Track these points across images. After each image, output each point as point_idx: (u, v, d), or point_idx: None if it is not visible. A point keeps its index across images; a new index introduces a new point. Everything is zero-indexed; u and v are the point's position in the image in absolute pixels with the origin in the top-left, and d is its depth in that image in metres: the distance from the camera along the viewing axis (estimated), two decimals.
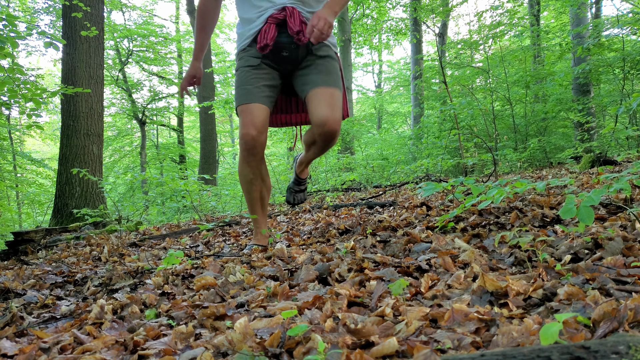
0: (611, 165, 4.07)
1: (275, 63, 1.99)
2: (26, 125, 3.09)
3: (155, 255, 2.46)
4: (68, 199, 5.80)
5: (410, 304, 0.99)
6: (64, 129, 6.00)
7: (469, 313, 0.85)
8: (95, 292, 1.66)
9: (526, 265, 1.23)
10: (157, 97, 15.78)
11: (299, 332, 0.82)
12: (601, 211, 1.76)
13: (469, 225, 1.84)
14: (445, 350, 0.75)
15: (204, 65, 13.08)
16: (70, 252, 3.20)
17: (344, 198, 5.15)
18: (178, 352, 0.87)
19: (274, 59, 1.97)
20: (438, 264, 1.29)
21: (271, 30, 1.89)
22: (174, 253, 1.87)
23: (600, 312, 0.76)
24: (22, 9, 12.05)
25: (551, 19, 12.12)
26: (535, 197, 2.10)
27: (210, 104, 9.72)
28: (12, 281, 1.99)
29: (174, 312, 1.16)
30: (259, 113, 1.93)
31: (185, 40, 16.17)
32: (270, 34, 1.89)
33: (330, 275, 1.35)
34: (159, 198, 6.31)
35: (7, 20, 2.65)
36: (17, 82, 2.92)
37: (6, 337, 1.10)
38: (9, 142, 11.45)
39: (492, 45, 9.28)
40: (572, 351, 0.50)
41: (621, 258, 1.10)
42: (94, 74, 6.19)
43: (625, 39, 6.58)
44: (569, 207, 1.20)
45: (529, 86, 7.89)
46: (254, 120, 1.91)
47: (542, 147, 7.29)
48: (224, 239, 2.82)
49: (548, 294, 0.95)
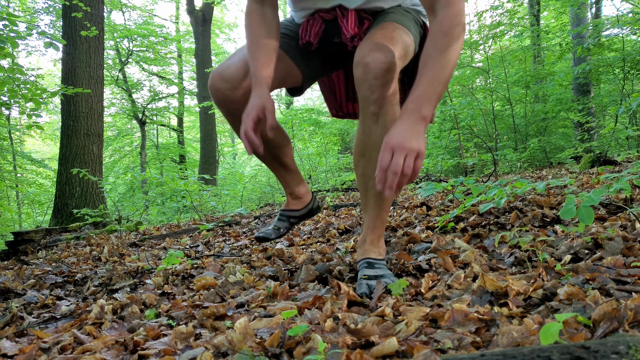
0: (611, 165, 4.07)
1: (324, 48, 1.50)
2: (26, 125, 3.09)
3: (155, 255, 2.46)
4: (68, 199, 5.80)
5: (410, 304, 0.99)
6: (64, 129, 6.00)
7: (469, 313, 0.85)
8: (95, 292, 1.66)
9: (526, 265, 1.23)
10: (157, 97, 15.77)
11: (299, 332, 0.82)
12: (601, 211, 1.76)
13: (469, 225, 1.84)
14: (445, 350, 0.75)
15: (204, 65, 12.88)
16: (70, 252, 3.20)
17: (344, 198, 5.16)
18: (178, 352, 0.87)
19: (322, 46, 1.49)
20: (438, 264, 1.29)
21: (317, 24, 1.44)
22: (173, 253, 1.87)
23: (600, 312, 0.76)
24: (22, 9, 12.05)
25: (551, 19, 12.12)
26: (535, 197, 2.10)
27: (210, 103, 9.71)
28: (12, 281, 1.99)
29: (174, 312, 1.16)
30: (238, 62, 1.40)
31: (185, 40, 16.17)
32: (315, 28, 1.44)
33: (330, 275, 1.35)
34: (159, 198, 6.31)
35: (7, 20, 2.65)
36: (17, 82, 2.92)
37: (6, 337, 1.10)
38: (9, 142, 11.45)
39: (492, 45, 9.28)
40: (572, 351, 0.49)
41: (621, 258, 1.10)
42: (94, 74, 6.20)
43: (625, 39, 6.58)
44: (569, 207, 1.20)
45: (529, 86, 7.89)
46: (223, 69, 1.41)
47: (542, 147, 7.29)
48: (224, 239, 2.82)
49: (548, 294, 0.95)
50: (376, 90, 1.18)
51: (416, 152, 1.02)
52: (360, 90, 1.21)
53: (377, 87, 1.18)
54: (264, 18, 1.38)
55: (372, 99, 1.20)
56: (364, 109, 1.24)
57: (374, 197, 1.30)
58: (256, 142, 1.24)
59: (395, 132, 1.05)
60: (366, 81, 1.18)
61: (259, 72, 1.31)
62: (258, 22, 1.37)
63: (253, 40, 1.35)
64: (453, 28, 1.09)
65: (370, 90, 1.19)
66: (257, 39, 1.35)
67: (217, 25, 17.40)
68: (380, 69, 1.15)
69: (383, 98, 1.19)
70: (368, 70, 1.16)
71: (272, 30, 1.38)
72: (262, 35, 1.36)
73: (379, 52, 1.16)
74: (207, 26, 12.37)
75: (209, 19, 12.42)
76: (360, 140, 1.31)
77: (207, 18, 12.30)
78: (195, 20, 12.31)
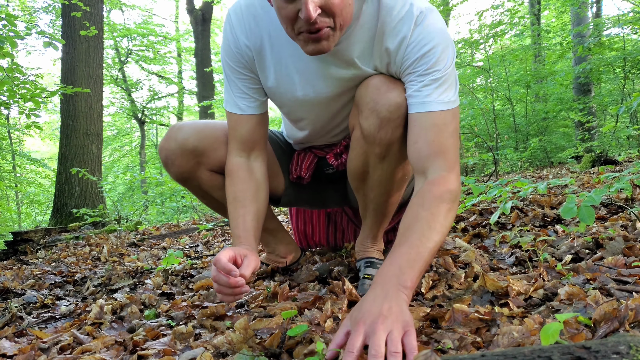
0: (612, 164, 4.07)
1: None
2: (25, 125, 3.09)
3: (154, 255, 2.46)
4: (67, 199, 5.80)
5: (410, 304, 0.99)
6: (63, 129, 6.00)
7: (469, 313, 0.85)
8: (95, 292, 1.66)
9: (527, 265, 1.23)
10: (157, 96, 15.78)
11: (299, 332, 0.82)
12: (602, 211, 1.76)
13: (469, 225, 1.84)
14: (446, 351, 0.74)
15: (203, 64, 12.83)
16: (70, 252, 3.20)
17: None
18: (178, 353, 0.87)
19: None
20: (439, 264, 1.28)
21: (308, 158, 1.36)
22: (173, 253, 1.86)
23: (601, 312, 0.76)
24: (21, 8, 12.04)
25: (552, 18, 12.12)
26: (536, 197, 2.10)
27: (209, 103, 9.72)
28: (12, 281, 1.99)
29: (174, 312, 1.16)
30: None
31: (185, 39, 16.17)
32: (306, 162, 1.36)
33: (330, 275, 1.35)
34: (158, 198, 6.30)
35: (6, 19, 2.64)
36: (16, 81, 2.92)
37: (5, 337, 1.10)
38: (9, 142, 11.45)
39: (493, 44, 9.27)
40: (572, 351, 0.49)
41: (622, 258, 1.10)
42: (93, 73, 6.19)
43: (625, 38, 6.58)
44: (569, 207, 1.20)
45: (530, 85, 7.89)
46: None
47: (542, 146, 7.29)
48: (223, 239, 2.82)
49: (549, 293, 0.95)
50: (389, 131, 1.03)
51: (401, 324, 0.72)
52: (368, 129, 1.06)
53: (389, 128, 1.03)
54: (251, 174, 1.17)
55: (379, 139, 1.05)
56: (370, 148, 1.10)
57: (373, 211, 1.25)
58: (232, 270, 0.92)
59: (367, 304, 0.77)
60: (376, 122, 1.04)
61: (246, 229, 1.09)
62: (244, 178, 1.15)
63: (237, 197, 1.13)
64: (448, 193, 0.92)
65: (379, 128, 1.04)
66: (242, 194, 1.13)
67: (216, 24, 17.40)
68: (395, 107, 1.01)
69: (392, 140, 1.06)
70: (379, 110, 1.02)
71: (261, 188, 1.18)
72: (249, 192, 1.14)
73: (390, 93, 1.02)
74: (206, 25, 12.36)
75: (209, 18, 12.41)
76: (359, 169, 1.17)
77: (206, 17, 12.30)
78: (194, 20, 12.31)
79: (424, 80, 0.98)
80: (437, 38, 0.98)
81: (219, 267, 0.93)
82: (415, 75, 1.00)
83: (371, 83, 1.05)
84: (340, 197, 1.48)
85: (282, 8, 0.88)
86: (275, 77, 1.12)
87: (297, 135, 1.33)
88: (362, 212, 1.29)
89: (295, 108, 1.19)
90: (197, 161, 1.23)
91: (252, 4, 1.09)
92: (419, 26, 0.98)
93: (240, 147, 1.17)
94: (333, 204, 1.54)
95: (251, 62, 1.12)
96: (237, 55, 1.11)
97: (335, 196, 1.48)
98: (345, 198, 1.48)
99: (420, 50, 0.98)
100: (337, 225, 1.69)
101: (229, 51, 1.12)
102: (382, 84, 1.03)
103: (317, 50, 0.93)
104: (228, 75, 1.15)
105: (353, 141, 1.16)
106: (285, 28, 0.94)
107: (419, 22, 0.98)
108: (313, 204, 1.53)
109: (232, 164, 1.17)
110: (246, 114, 1.16)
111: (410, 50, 0.99)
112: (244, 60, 1.12)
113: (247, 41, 1.10)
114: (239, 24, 1.09)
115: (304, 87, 1.12)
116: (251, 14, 1.08)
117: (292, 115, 1.24)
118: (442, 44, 0.98)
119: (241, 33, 1.09)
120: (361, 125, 1.08)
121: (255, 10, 1.08)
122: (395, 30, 1.00)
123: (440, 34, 0.99)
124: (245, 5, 1.09)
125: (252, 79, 1.14)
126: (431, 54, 0.97)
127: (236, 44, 1.10)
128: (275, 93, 1.16)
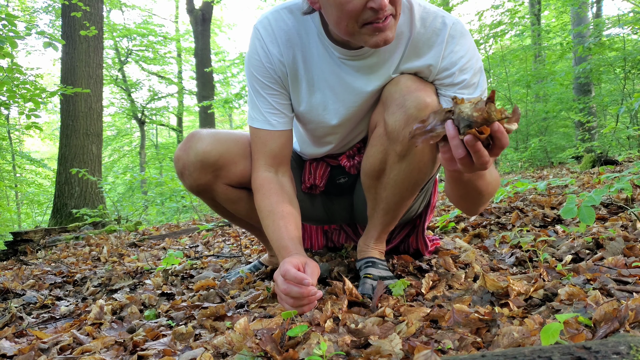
0: (612, 165, 4.07)
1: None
2: (25, 125, 3.09)
3: (154, 255, 2.46)
4: (67, 199, 5.80)
5: (411, 305, 0.99)
6: (63, 129, 6.00)
7: (469, 313, 0.85)
8: (95, 292, 1.66)
9: (527, 265, 1.23)
10: (157, 96, 15.77)
11: (299, 333, 0.82)
12: (602, 211, 1.76)
13: (469, 225, 1.83)
14: (446, 351, 0.74)
15: (203, 64, 12.91)
16: (70, 252, 3.20)
17: None
18: (177, 353, 0.87)
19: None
20: (439, 264, 1.28)
21: (321, 167, 1.36)
22: (173, 253, 1.86)
23: (601, 312, 0.76)
24: (21, 8, 12.04)
25: (552, 18, 12.12)
26: (536, 197, 2.10)
27: (209, 103, 9.72)
28: (12, 281, 1.98)
29: (174, 313, 1.16)
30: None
31: (185, 39, 16.16)
32: (320, 170, 1.36)
33: (330, 275, 1.35)
34: (158, 198, 6.30)
35: (6, 19, 2.64)
36: (16, 82, 2.92)
37: (5, 337, 1.10)
38: (8, 142, 11.45)
39: (493, 44, 9.28)
40: (573, 351, 0.49)
41: (622, 258, 1.10)
42: (93, 74, 6.20)
43: (626, 39, 6.58)
44: (570, 207, 1.20)
45: (530, 85, 7.89)
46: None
47: (543, 146, 7.29)
48: (223, 239, 2.82)
49: (549, 294, 0.94)
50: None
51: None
52: (392, 125, 1.05)
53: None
54: (282, 187, 1.17)
55: (402, 136, 1.04)
56: (391, 145, 1.09)
57: (382, 210, 1.23)
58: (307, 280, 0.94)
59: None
60: (403, 117, 1.02)
61: (291, 239, 1.08)
62: (276, 190, 1.15)
63: (274, 210, 1.12)
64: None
65: (404, 125, 1.02)
66: (279, 207, 1.12)
67: (216, 24, 17.41)
68: (424, 106, 1.00)
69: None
70: (407, 106, 1.02)
71: (294, 202, 1.18)
72: (285, 204, 1.14)
73: (420, 92, 1.02)
74: (206, 25, 12.36)
75: (209, 18, 12.41)
76: (376, 167, 1.15)
77: (206, 17, 12.29)
78: (194, 20, 12.30)
79: (459, 85, 1.04)
80: (471, 50, 1.03)
81: (290, 277, 0.93)
82: (450, 84, 1.05)
83: (402, 80, 1.06)
84: (348, 213, 1.49)
85: (347, 2, 0.88)
86: (308, 101, 1.13)
87: (317, 152, 1.31)
88: (370, 211, 1.28)
89: (327, 130, 1.20)
90: (215, 175, 1.22)
91: (281, 19, 1.08)
92: (454, 39, 1.02)
93: (269, 163, 1.17)
94: (340, 219, 1.54)
95: (284, 78, 1.12)
96: (269, 70, 1.10)
97: (343, 212, 1.49)
98: (351, 214, 1.49)
99: (456, 64, 1.02)
100: (336, 243, 1.69)
101: (259, 67, 1.10)
102: (412, 83, 1.05)
103: (383, 40, 0.93)
104: (257, 90, 1.13)
105: (373, 138, 1.14)
106: (344, 25, 0.92)
107: (453, 34, 1.02)
108: (321, 218, 1.52)
109: (262, 178, 1.16)
110: (277, 129, 1.15)
111: (447, 63, 1.03)
112: (276, 75, 1.11)
113: (281, 57, 1.09)
114: (270, 39, 1.09)
115: (337, 110, 1.13)
116: (282, 30, 1.08)
117: (318, 132, 1.23)
118: (475, 55, 1.04)
119: (274, 48, 1.09)
120: (386, 121, 1.07)
121: (285, 25, 1.08)
122: (430, 42, 1.03)
123: (472, 45, 1.05)
124: (274, 19, 1.09)
125: (283, 95, 1.14)
126: (467, 65, 1.02)
127: (269, 59, 1.09)
128: (306, 116, 1.17)
